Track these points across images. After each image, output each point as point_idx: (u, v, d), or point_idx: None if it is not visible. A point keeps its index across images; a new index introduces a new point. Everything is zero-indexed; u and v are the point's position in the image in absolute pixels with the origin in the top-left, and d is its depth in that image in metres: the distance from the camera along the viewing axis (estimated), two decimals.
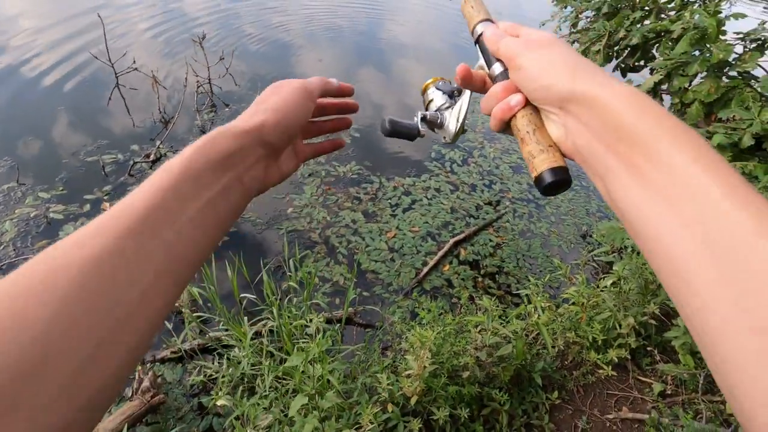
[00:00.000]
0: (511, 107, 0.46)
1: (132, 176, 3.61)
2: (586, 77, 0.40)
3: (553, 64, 0.43)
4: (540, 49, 0.45)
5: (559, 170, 0.43)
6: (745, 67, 2.10)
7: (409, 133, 0.56)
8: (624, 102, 0.37)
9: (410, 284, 3.03)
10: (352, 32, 7.00)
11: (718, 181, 0.31)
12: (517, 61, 0.45)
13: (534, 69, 0.44)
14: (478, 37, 0.54)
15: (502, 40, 0.49)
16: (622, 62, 2.80)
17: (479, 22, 0.55)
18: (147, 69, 4.49)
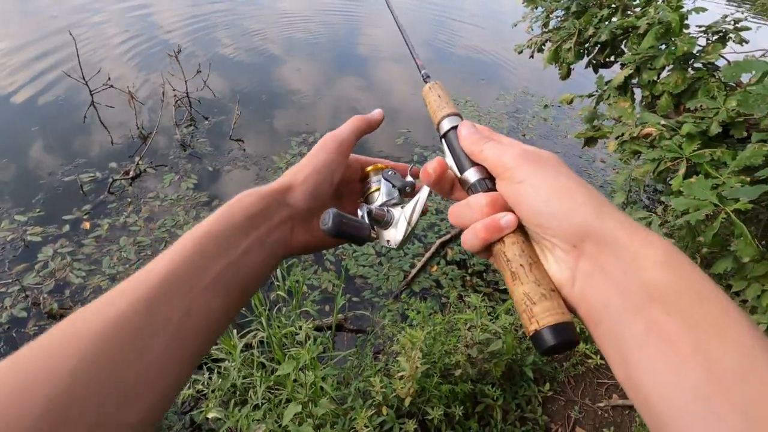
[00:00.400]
0: (501, 228, 0.38)
1: (112, 194, 3.55)
2: (613, 215, 0.34)
3: (571, 191, 0.35)
4: (546, 166, 0.38)
5: (566, 328, 0.34)
6: (709, 59, 2.18)
7: (358, 235, 0.45)
8: (659, 257, 0.30)
9: (399, 287, 3.04)
10: (331, 39, 7.03)
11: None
12: (514, 173, 0.38)
13: (542, 189, 0.36)
14: (446, 132, 0.47)
15: (486, 143, 0.42)
16: (593, 59, 2.88)
17: (447, 116, 0.48)
18: (122, 85, 4.43)
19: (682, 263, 0.31)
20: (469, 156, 0.44)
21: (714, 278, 1.76)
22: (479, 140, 0.43)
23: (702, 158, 1.82)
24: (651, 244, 0.31)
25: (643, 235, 0.32)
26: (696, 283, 0.29)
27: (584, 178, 3.18)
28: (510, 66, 6.69)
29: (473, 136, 0.44)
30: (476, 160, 0.43)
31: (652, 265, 0.30)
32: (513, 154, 0.39)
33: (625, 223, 0.33)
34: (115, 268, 2.98)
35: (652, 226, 1.81)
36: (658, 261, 0.30)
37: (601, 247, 0.33)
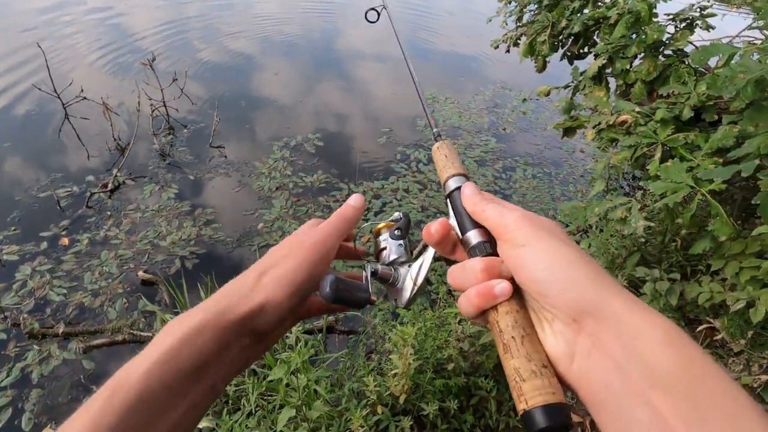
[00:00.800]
0: (495, 296, 0.37)
1: (90, 208, 3.46)
2: (613, 289, 0.33)
3: (573, 261, 0.34)
4: (549, 233, 0.37)
5: (557, 410, 0.32)
6: (678, 45, 2.24)
7: (358, 300, 0.45)
8: (661, 337, 0.30)
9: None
10: (308, 42, 7.00)
11: None
12: (516, 235, 0.37)
13: (545, 255, 0.35)
14: (450, 192, 0.48)
15: (488, 204, 0.41)
16: (567, 50, 2.93)
17: (452, 176, 0.48)
18: (96, 96, 4.34)
19: (684, 344, 0.30)
20: (471, 216, 0.43)
21: (693, 258, 1.81)
22: (481, 200, 0.42)
23: (676, 142, 1.86)
24: (652, 322, 0.31)
25: (644, 312, 0.31)
26: (699, 366, 0.29)
27: (565, 169, 3.23)
28: (487, 61, 6.76)
29: (476, 196, 0.44)
30: (478, 220, 0.42)
31: (654, 345, 0.29)
32: (515, 217, 0.38)
33: (625, 299, 0.32)
34: (97, 283, 2.91)
35: (632, 210, 1.85)
36: (660, 341, 0.29)
37: (602, 324, 0.32)
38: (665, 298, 2.04)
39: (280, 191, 3.79)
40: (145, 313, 2.76)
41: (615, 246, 2.34)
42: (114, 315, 2.73)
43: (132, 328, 2.64)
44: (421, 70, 5.80)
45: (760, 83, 1.31)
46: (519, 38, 3.07)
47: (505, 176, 4.23)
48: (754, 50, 1.44)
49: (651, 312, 0.32)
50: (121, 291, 2.88)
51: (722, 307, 1.92)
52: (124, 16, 7.16)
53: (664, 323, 0.31)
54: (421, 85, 0.69)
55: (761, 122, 1.39)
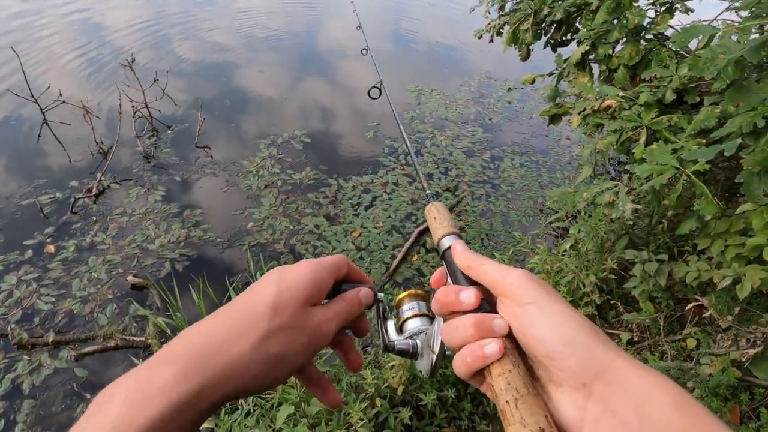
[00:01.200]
0: (485, 356, 0.36)
1: (75, 214, 3.40)
2: (619, 352, 0.33)
3: (581, 323, 0.34)
4: (551, 293, 0.37)
5: None
6: (659, 29, 2.26)
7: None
8: (670, 401, 0.30)
9: (382, 279, 3.05)
10: (292, 38, 6.92)
11: None
12: (521, 293, 0.37)
13: (552, 317, 0.35)
14: (444, 251, 0.48)
15: (486, 259, 0.41)
16: (550, 38, 2.94)
17: (444, 236, 0.49)
18: (75, 100, 4.24)
19: (692, 405, 0.30)
20: (465, 273, 0.43)
21: (680, 239, 1.84)
22: (478, 257, 0.42)
23: (660, 125, 1.89)
24: (660, 385, 0.31)
25: (651, 375, 0.32)
26: (709, 429, 0.29)
27: (552, 156, 3.26)
28: (471, 52, 6.76)
29: (468, 252, 0.43)
30: (475, 277, 0.42)
31: (665, 408, 0.30)
32: (519, 274, 0.38)
33: (631, 361, 0.33)
34: (86, 290, 2.86)
35: (620, 194, 1.87)
36: (669, 404, 0.30)
37: (611, 387, 0.32)
38: (654, 279, 2.08)
39: (268, 189, 3.76)
40: (137, 318, 2.72)
41: (604, 230, 2.37)
42: (105, 321, 2.69)
43: (124, 334, 2.61)
44: (405, 62, 5.78)
45: (740, 63, 1.33)
46: (502, 27, 3.07)
47: (493, 166, 4.25)
48: (733, 30, 1.46)
49: (657, 374, 0.32)
50: (111, 296, 2.84)
51: (709, 285, 1.96)
52: (101, 16, 7.00)
53: (671, 385, 0.31)
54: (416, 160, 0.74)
55: (742, 101, 1.41)
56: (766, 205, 1.49)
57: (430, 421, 1.97)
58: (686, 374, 1.84)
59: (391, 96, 1.09)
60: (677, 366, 1.86)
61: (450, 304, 0.41)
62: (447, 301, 0.42)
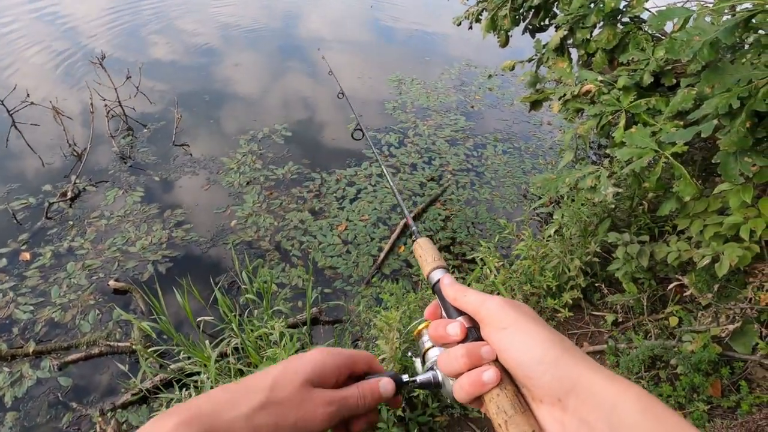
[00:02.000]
0: (484, 383, 0.39)
1: (50, 219, 3.29)
2: (586, 364, 0.36)
3: (552, 343, 0.37)
4: (527, 316, 0.40)
5: None
6: (635, 12, 2.27)
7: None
8: (637, 405, 0.33)
9: (370, 272, 3.04)
10: (270, 31, 6.76)
11: None
12: (498, 318, 0.40)
13: (528, 338, 0.38)
14: (434, 284, 0.51)
15: (469, 290, 0.44)
16: (529, 24, 2.93)
17: (433, 269, 0.52)
18: (45, 100, 4.08)
19: (658, 408, 0.33)
20: (453, 304, 0.46)
21: (661, 220, 1.86)
22: (462, 288, 0.45)
23: (639, 108, 1.90)
24: (627, 393, 0.34)
25: (618, 383, 0.35)
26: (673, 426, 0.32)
27: (534, 142, 3.26)
28: (451, 39, 6.72)
29: (455, 285, 0.47)
30: (460, 306, 0.45)
31: (633, 413, 0.33)
32: (496, 302, 0.41)
33: (600, 373, 0.36)
34: (66, 297, 2.78)
35: (601, 178, 1.89)
36: (637, 409, 0.33)
37: (583, 400, 0.35)
38: (637, 260, 2.11)
39: (251, 186, 3.70)
40: (121, 323, 2.67)
41: (587, 214, 2.40)
42: (87, 328, 2.63)
43: (108, 340, 2.55)
44: (385, 52, 5.71)
45: (714, 45, 1.34)
46: (480, 14, 3.05)
47: (476, 154, 4.26)
48: (707, 12, 1.47)
49: (624, 382, 0.35)
50: (93, 302, 2.77)
51: (690, 264, 2.01)
52: (68, 11, 6.72)
53: (638, 391, 0.34)
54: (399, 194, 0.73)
55: (717, 83, 1.43)
56: (742, 185, 1.52)
57: (423, 411, 1.98)
58: (669, 352, 1.89)
59: (372, 84, 1.07)
60: (661, 344, 1.91)
61: (441, 338, 0.45)
62: (437, 335, 0.45)
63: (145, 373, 2.34)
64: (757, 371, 1.87)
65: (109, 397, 2.34)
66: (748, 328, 1.82)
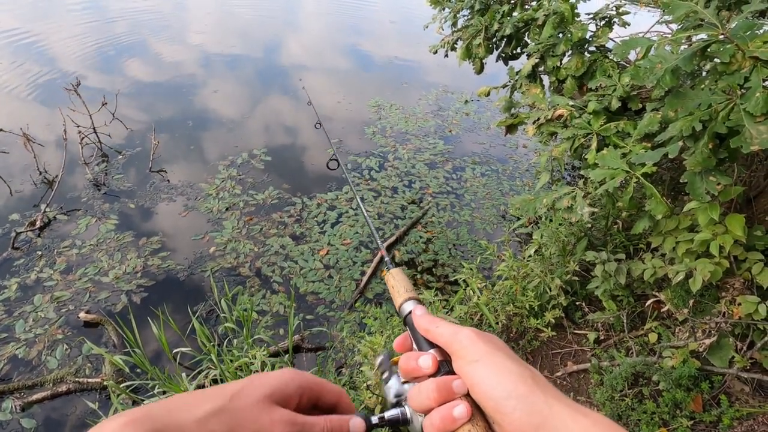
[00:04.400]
0: (454, 419, 0.38)
1: (17, 249, 3.15)
2: (556, 397, 0.36)
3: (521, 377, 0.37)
4: (497, 348, 0.40)
5: None
6: (600, 42, 2.40)
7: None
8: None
9: (352, 297, 3.00)
10: (249, 57, 6.83)
11: None
12: (468, 351, 0.39)
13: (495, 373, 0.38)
14: (405, 316, 0.49)
15: (441, 322, 0.44)
16: (502, 52, 3.06)
17: (405, 301, 0.51)
18: (14, 127, 3.97)
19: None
20: (424, 336, 0.45)
21: (635, 238, 1.92)
22: (434, 319, 0.44)
23: (609, 131, 1.99)
24: (594, 425, 0.34)
25: (589, 420, 0.35)
26: None
27: (510, 164, 3.34)
28: (428, 66, 6.93)
29: (427, 316, 0.46)
30: (431, 338, 0.44)
31: None
32: (467, 333, 0.41)
33: (570, 407, 0.36)
34: (31, 331, 2.64)
35: (577, 198, 1.95)
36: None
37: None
38: (614, 278, 2.16)
39: (230, 211, 3.65)
40: (91, 358, 2.53)
41: (564, 234, 2.45)
42: (55, 364, 2.49)
43: (77, 376, 2.42)
44: (364, 78, 5.83)
45: (675, 72, 1.43)
46: (455, 42, 3.17)
47: (455, 176, 4.34)
48: (667, 42, 1.57)
49: (595, 417, 0.35)
50: (61, 336, 2.64)
51: (665, 281, 2.07)
52: (40, 36, 6.64)
53: (607, 425, 0.34)
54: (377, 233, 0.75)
55: (680, 107, 1.51)
56: (709, 203, 1.59)
57: None
58: (651, 368, 1.92)
59: (352, 109, 1.09)
60: (642, 361, 1.93)
61: (412, 371, 0.43)
62: (408, 368, 0.43)
63: (117, 411, 2.21)
64: (735, 384, 1.90)
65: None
66: (724, 341, 1.87)
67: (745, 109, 1.32)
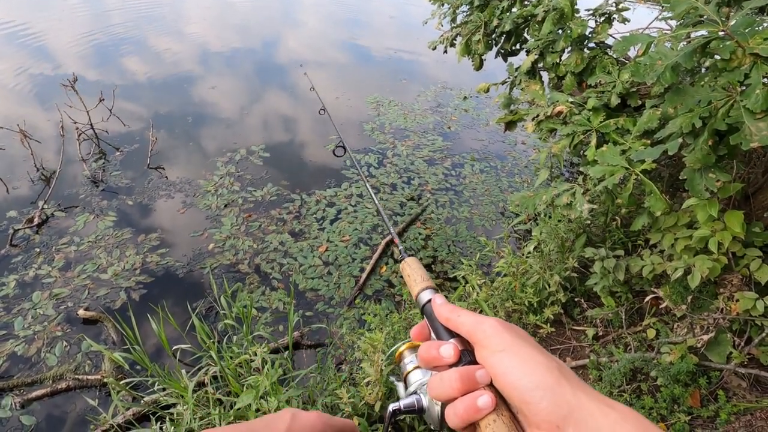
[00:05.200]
0: (478, 409, 0.38)
1: (15, 246, 3.14)
2: (584, 390, 0.36)
3: (549, 368, 0.36)
4: (522, 339, 0.39)
5: None
6: (600, 38, 2.40)
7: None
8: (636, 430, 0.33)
9: (352, 293, 3.01)
10: (246, 52, 6.79)
11: None
12: (493, 341, 0.39)
13: (522, 363, 0.37)
14: (423, 305, 0.49)
15: (462, 311, 0.43)
16: (501, 48, 3.05)
17: (423, 290, 0.50)
18: (11, 123, 3.94)
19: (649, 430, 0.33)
20: (445, 325, 0.44)
21: (634, 234, 1.92)
22: (456, 308, 0.44)
23: (608, 128, 1.99)
24: (625, 422, 0.33)
25: (616, 413, 0.34)
26: None
27: (509, 161, 3.35)
28: (427, 63, 6.91)
29: (448, 304, 0.45)
30: (453, 327, 0.43)
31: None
32: (492, 323, 0.40)
33: (598, 400, 0.35)
34: (30, 329, 2.63)
35: (576, 195, 1.95)
36: None
37: (581, 427, 0.34)
38: (613, 274, 2.17)
39: (228, 208, 3.64)
40: (91, 355, 2.53)
41: (563, 230, 2.46)
42: (54, 361, 2.49)
43: (77, 373, 2.42)
44: (363, 74, 5.81)
45: (676, 68, 1.43)
46: (455, 38, 3.16)
47: (454, 173, 4.33)
48: (667, 38, 1.57)
49: (622, 410, 0.35)
50: (61, 333, 2.63)
51: (663, 277, 2.07)
52: (38, 31, 6.59)
53: (635, 420, 0.34)
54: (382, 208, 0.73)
55: (680, 104, 1.51)
56: (708, 200, 1.59)
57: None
58: (649, 364, 1.93)
59: (351, 105, 1.09)
60: (641, 357, 1.94)
61: (432, 360, 0.43)
62: (429, 357, 0.43)
63: (117, 408, 2.21)
64: (733, 380, 1.92)
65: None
66: (722, 337, 1.88)
67: (745, 106, 1.32)
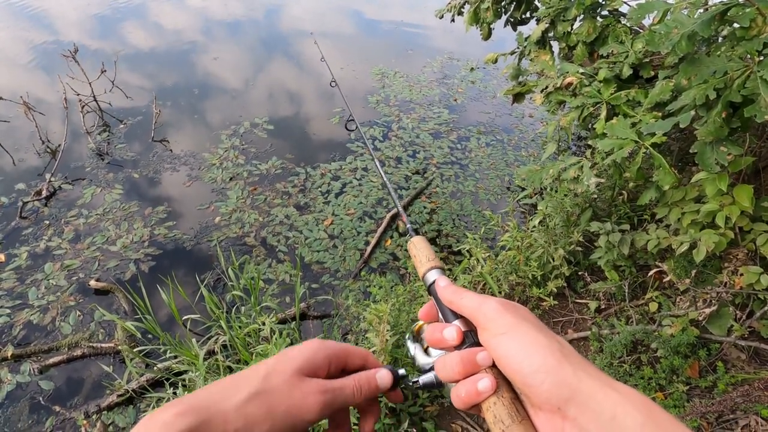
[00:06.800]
0: (480, 393, 0.38)
1: (24, 218, 3.19)
2: (587, 370, 0.35)
3: (550, 349, 0.36)
4: (524, 319, 0.39)
5: None
6: (614, 5, 2.31)
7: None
8: (636, 414, 0.32)
9: (357, 266, 3.04)
10: (250, 23, 6.63)
11: None
12: (495, 324, 0.39)
13: (522, 346, 0.37)
14: (429, 285, 0.49)
15: (466, 293, 0.43)
16: (510, 16, 2.95)
17: (429, 270, 0.50)
18: (14, 95, 3.92)
19: (658, 418, 0.32)
20: (449, 307, 0.44)
21: (640, 209, 1.91)
22: (459, 290, 0.44)
23: (619, 100, 1.95)
24: (627, 403, 0.33)
25: (618, 394, 0.34)
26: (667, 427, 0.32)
27: (516, 134, 3.29)
28: (434, 32, 6.72)
29: (451, 286, 0.45)
30: (456, 308, 0.43)
31: (632, 425, 0.32)
32: (493, 305, 0.40)
33: (600, 380, 0.35)
34: (44, 299, 2.71)
35: (584, 169, 1.93)
36: (637, 420, 0.32)
37: (583, 409, 0.34)
38: (618, 248, 2.17)
39: (234, 182, 3.65)
40: (103, 324, 2.61)
41: (569, 204, 2.45)
42: (68, 329, 2.56)
43: (91, 341, 2.50)
44: (368, 44, 5.67)
45: (692, 37, 1.38)
46: (462, 6, 3.06)
47: (460, 146, 4.29)
48: (684, 5, 1.51)
49: (624, 391, 0.34)
50: (74, 303, 2.70)
51: (668, 252, 2.08)
52: (39, 2, 6.45)
53: (638, 400, 0.33)
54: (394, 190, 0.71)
55: (694, 75, 1.47)
56: (718, 174, 1.57)
57: (414, 401, 2.01)
58: (650, 336, 1.96)
59: (356, 77, 1.08)
60: (642, 329, 1.97)
61: (437, 342, 0.44)
62: (434, 339, 0.44)
63: (131, 374, 2.30)
64: (732, 352, 1.95)
65: (93, 399, 2.29)
66: (724, 311, 1.90)
67: (762, 77, 1.29)
